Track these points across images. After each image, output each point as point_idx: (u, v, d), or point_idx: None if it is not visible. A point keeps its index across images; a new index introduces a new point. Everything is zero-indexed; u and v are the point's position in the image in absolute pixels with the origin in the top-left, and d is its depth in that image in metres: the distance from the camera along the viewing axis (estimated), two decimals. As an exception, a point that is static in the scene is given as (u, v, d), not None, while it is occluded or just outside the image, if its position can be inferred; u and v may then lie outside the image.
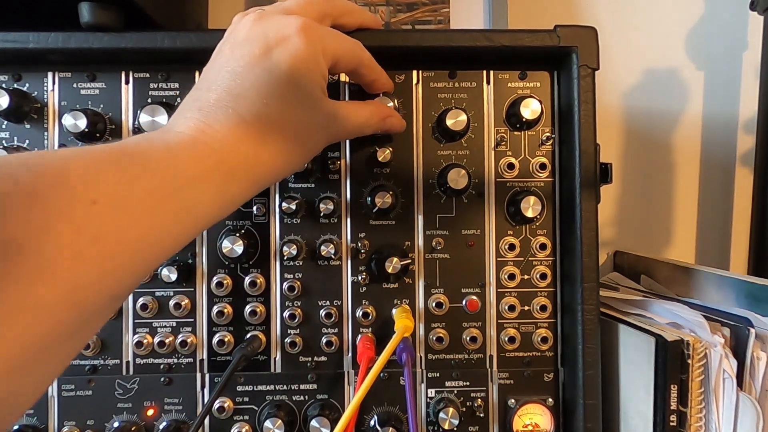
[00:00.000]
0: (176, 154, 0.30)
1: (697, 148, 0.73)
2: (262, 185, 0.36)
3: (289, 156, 0.36)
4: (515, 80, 0.46)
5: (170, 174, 0.29)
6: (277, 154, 0.35)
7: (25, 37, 0.42)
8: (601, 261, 0.69)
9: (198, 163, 0.30)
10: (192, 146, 0.31)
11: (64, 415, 0.44)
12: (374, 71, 0.41)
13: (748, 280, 0.46)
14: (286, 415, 0.44)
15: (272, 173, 0.36)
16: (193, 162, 0.30)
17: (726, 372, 0.41)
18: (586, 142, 0.43)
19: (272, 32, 0.34)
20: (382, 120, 0.42)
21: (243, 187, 0.33)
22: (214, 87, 0.34)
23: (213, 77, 0.34)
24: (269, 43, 0.34)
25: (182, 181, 0.29)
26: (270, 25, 0.34)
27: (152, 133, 0.32)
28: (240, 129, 0.33)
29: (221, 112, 0.33)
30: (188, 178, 0.30)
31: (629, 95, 0.73)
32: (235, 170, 0.32)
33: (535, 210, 0.44)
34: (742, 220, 0.72)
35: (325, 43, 0.36)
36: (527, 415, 0.45)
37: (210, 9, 0.66)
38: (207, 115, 0.33)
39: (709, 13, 0.72)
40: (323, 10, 0.38)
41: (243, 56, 0.34)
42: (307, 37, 0.34)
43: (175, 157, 0.30)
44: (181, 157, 0.30)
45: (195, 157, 0.30)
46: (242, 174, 0.33)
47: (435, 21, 0.65)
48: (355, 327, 0.46)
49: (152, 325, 0.45)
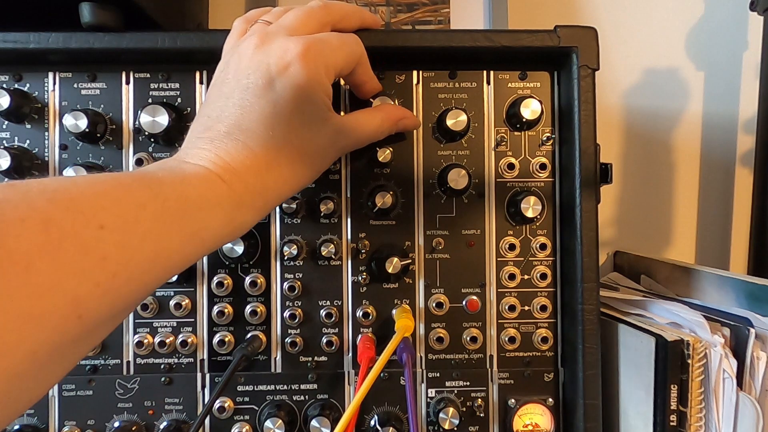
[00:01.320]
0: (188, 184, 0.32)
1: (697, 148, 0.73)
2: (272, 207, 0.37)
3: (299, 176, 0.37)
4: (515, 80, 0.46)
5: (181, 202, 0.31)
6: (286, 177, 0.36)
7: (26, 37, 0.42)
8: (601, 261, 0.69)
9: (208, 193, 0.32)
10: (204, 177, 0.32)
11: (65, 414, 0.44)
12: (368, 71, 0.42)
13: (748, 280, 0.46)
14: (287, 415, 0.44)
15: (281, 196, 0.37)
16: (204, 191, 0.32)
17: (726, 372, 0.41)
18: (586, 142, 0.43)
19: (273, 60, 0.34)
20: (394, 124, 0.42)
21: (251, 213, 0.35)
22: (223, 117, 0.35)
23: (222, 106, 0.35)
24: (271, 74, 0.34)
25: (192, 208, 0.31)
26: (271, 53, 0.35)
27: (168, 161, 0.34)
28: (249, 160, 0.34)
29: (231, 144, 0.34)
30: (198, 206, 0.31)
31: (629, 95, 0.73)
32: (244, 198, 0.34)
33: (535, 210, 0.44)
34: (742, 220, 0.72)
35: (326, 60, 0.36)
36: (527, 415, 0.45)
37: (210, 9, 0.66)
38: (218, 146, 0.34)
39: (709, 13, 0.72)
40: (322, 20, 0.39)
41: (248, 87, 0.35)
42: (308, 62, 0.35)
43: (187, 186, 0.31)
44: (193, 187, 0.32)
45: (206, 187, 0.32)
46: (250, 201, 0.34)
47: (435, 21, 0.65)
48: (355, 327, 0.46)
49: (153, 325, 0.45)
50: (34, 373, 0.25)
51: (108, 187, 0.29)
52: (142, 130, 0.43)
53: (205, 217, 0.32)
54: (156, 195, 0.30)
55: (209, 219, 0.32)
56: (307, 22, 0.37)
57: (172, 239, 0.30)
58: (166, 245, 0.30)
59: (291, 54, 0.34)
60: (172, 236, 0.30)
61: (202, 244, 0.32)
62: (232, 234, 0.35)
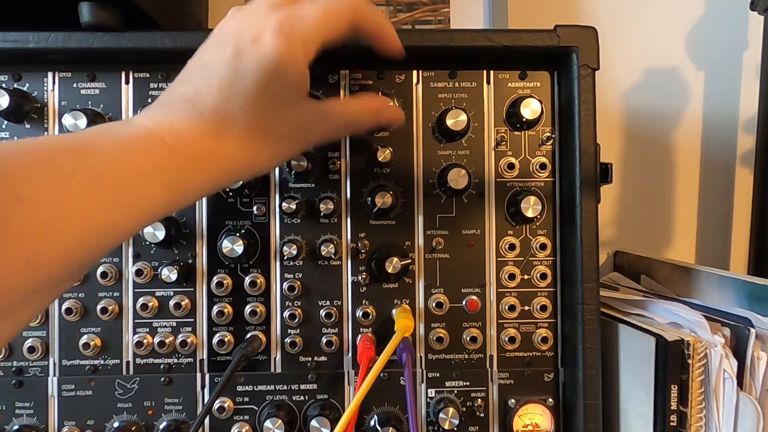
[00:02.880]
0: (124, 148, 0.29)
1: (697, 148, 0.73)
2: (223, 182, 0.35)
3: (255, 153, 0.35)
4: (515, 80, 0.46)
5: (114, 167, 0.28)
6: (239, 152, 0.34)
7: (25, 37, 0.42)
8: (601, 261, 0.69)
9: (146, 158, 0.30)
10: (144, 140, 0.30)
11: (64, 415, 0.44)
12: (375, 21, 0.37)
13: (748, 280, 0.46)
14: (286, 415, 0.44)
15: (234, 170, 0.35)
16: (140, 156, 0.30)
17: (726, 372, 0.41)
18: (586, 142, 0.43)
19: (247, 32, 0.33)
20: (374, 113, 0.40)
21: (197, 182, 0.33)
22: (185, 81, 0.34)
23: (188, 72, 0.34)
24: (241, 44, 0.33)
25: (126, 175, 0.29)
26: (247, 24, 0.34)
27: (110, 125, 0.32)
28: (197, 125, 0.32)
29: (182, 107, 0.33)
30: (133, 172, 0.29)
31: (629, 95, 0.73)
32: (188, 165, 0.32)
33: (535, 210, 0.44)
34: (742, 220, 0.72)
35: (303, 37, 0.34)
36: (527, 415, 0.45)
37: (210, 9, 0.66)
38: (169, 109, 0.32)
39: (709, 13, 0.72)
40: None
41: (215, 55, 0.34)
42: (283, 39, 0.33)
43: (122, 150, 0.29)
44: (129, 151, 0.29)
45: (144, 150, 0.30)
46: (196, 169, 0.32)
47: (435, 21, 0.65)
48: (355, 327, 0.46)
49: (152, 325, 0.45)
50: None
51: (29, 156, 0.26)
52: (141, 130, 0.43)
53: (143, 185, 0.29)
54: (84, 163, 0.27)
55: (148, 187, 0.30)
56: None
57: (106, 212, 0.28)
58: (98, 219, 0.27)
59: (265, 26, 0.33)
60: (106, 209, 0.28)
61: (140, 216, 0.30)
62: (176, 203, 0.32)
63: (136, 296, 0.45)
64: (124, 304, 0.45)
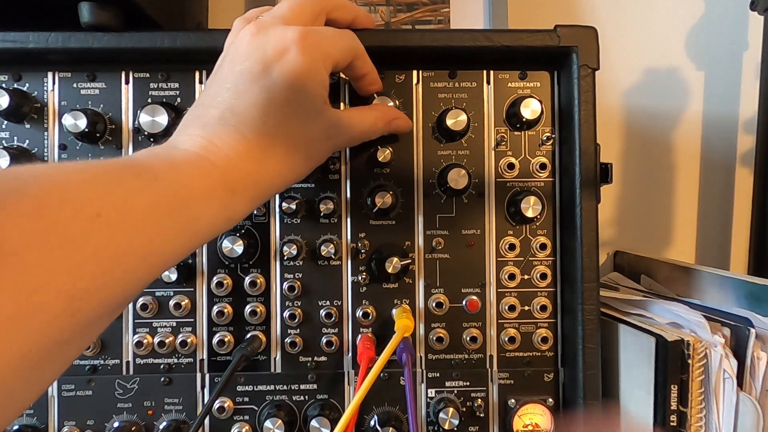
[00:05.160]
0: (180, 170, 0.30)
1: (697, 148, 0.73)
2: (265, 198, 0.37)
3: (292, 167, 0.36)
4: (515, 80, 0.46)
5: (174, 189, 0.29)
6: (280, 167, 0.35)
7: (25, 37, 0.42)
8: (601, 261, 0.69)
9: (201, 179, 0.31)
10: (196, 163, 0.31)
11: (64, 415, 0.44)
12: (368, 64, 0.41)
13: (748, 280, 0.46)
14: (286, 415, 0.44)
15: (275, 186, 0.36)
16: (196, 178, 0.31)
17: (726, 372, 0.41)
18: (586, 142, 0.43)
19: (270, 47, 0.34)
20: (387, 123, 0.42)
21: (246, 201, 0.34)
22: (216, 103, 0.34)
23: (214, 93, 0.35)
24: (267, 60, 0.34)
25: (185, 196, 0.30)
26: (268, 40, 0.34)
27: (156, 149, 0.33)
28: (242, 145, 0.33)
29: (224, 130, 0.33)
30: (191, 193, 0.30)
31: (629, 95, 0.73)
32: (238, 186, 0.33)
33: (535, 210, 0.44)
34: (742, 220, 0.72)
35: (324, 49, 0.35)
36: (527, 415, 0.45)
37: (210, 9, 0.66)
38: (210, 132, 0.33)
39: (709, 13, 0.72)
40: (316, 9, 0.38)
41: (242, 72, 0.34)
42: (305, 49, 0.34)
43: (179, 173, 0.30)
44: (185, 173, 0.30)
45: (198, 173, 0.31)
46: (244, 189, 0.33)
47: (435, 21, 0.65)
48: (355, 327, 0.46)
49: (152, 325, 0.45)
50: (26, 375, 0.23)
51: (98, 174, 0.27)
52: (141, 130, 0.43)
53: (199, 206, 0.30)
54: (148, 182, 0.28)
55: (203, 207, 0.31)
56: (301, 11, 0.37)
57: (167, 230, 0.29)
58: (160, 236, 0.28)
59: (288, 40, 0.34)
60: (166, 226, 0.28)
61: (195, 235, 0.31)
62: (226, 224, 0.33)
63: (136, 296, 0.45)
64: (124, 304, 0.45)
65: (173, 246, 0.30)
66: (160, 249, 0.29)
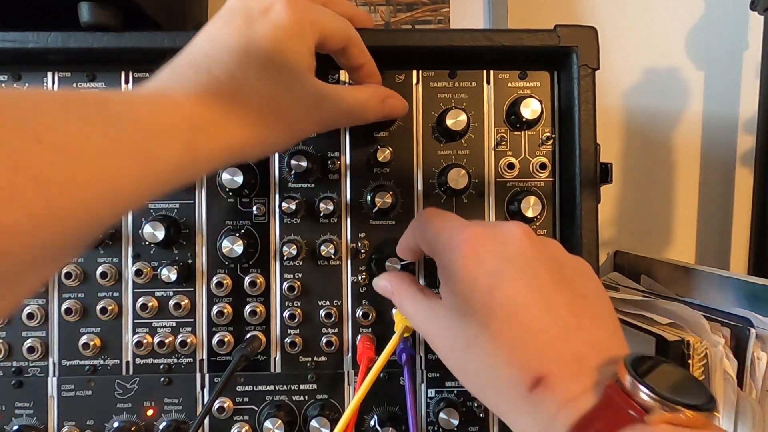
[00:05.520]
0: (138, 104, 0.28)
1: (697, 148, 0.73)
2: (233, 157, 0.34)
3: (264, 133, 0.34)
4: (515, 80, 0.46)
5: (130, 122, 0.27)
6: (248, 128, 0.33)
7: (25, 36, 0.42)
8: (601, 261, 0.69)
9: (162, 114, 0.29)
10: (156, 99, 0.29)
11: (64, 415, 0.44)
12: (364, 53, 0.39)
13: (748, 280, 0.46)
14: (286, 415, 0.44)
15: (243, 146, 0.33)
16: (156, 113, 0.28)
17: (726, 372, 0.41)
18: (586, 142, 0.43)
19: (255, 4, 0.33)
20: (381, 101, 0.40)
21: (213, 148, 0.31)
22: (188, 50, 0.33)
23: (194, 45, 0.33)
24: (252, 13, 0.32)
25: (143, 128, 0.27)
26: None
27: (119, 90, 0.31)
28: (212, 85, 0.31)
29: (192, 70, 0.31)
30: (150, 127, 0.28)
31: (629, 95, 0.73)
32: (204, 122, 0.30)
33: (535, 210, 0.44)
34: (742, 220, 0.72)
35: (312, 15, 0.34)
36: (527, 415, 0.45)
37: (210, 9, 0.66)
38: (177, 72, 0.31)
39: (709, 13, 0.72)
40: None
41: (223, 24, 0.33)
42: (292, 8, 0.33)
43: (136, 105, 0.28)
44: (143, 107, 0.28)
45: (159, 109, 0.29)
46: (213, 129, 0.31)
47: (435, 21, 0.65)
48: (355, 327, 0.46)
49: (152, 325, 0.45)
50: None
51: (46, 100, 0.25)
52: (141, 130, 0.43)
53: (159, 142, 0.28)
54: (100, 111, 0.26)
55: (164, 145, 0.28)
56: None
57: (123, 165, 0.26)
58: (116, 173, 0.26)
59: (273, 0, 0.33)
60: (123, 162, 0.26)
61: (157, 175, 0.28)
62: (193, 168, 0.30)
63: (136, 296, 0.45)
64: (123, 304, 0.45)
65: (129, 186, 0.27)
66: (114, 188, 0.26)
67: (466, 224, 0.32)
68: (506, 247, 0.30)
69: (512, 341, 0.27)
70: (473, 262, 0.29)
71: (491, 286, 0.28)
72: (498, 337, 0.27)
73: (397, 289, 0.37)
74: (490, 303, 0.28)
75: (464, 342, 0.29)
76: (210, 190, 0.45)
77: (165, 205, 0.45)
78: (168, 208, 0.45)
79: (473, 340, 0.28)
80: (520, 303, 0.27)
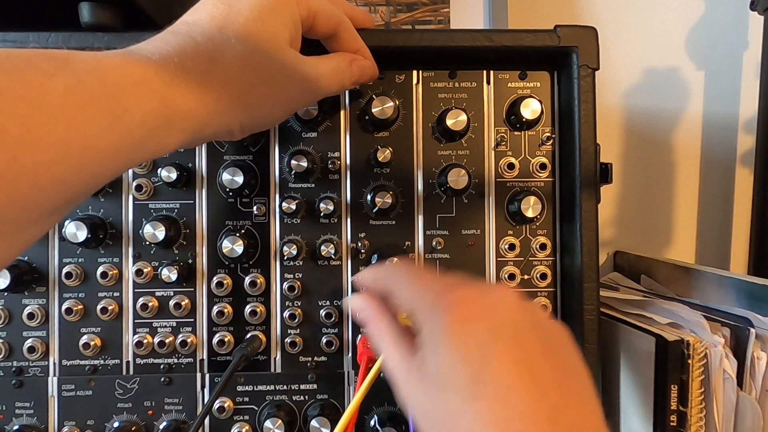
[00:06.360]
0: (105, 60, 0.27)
1: (697, 148, 0.73)
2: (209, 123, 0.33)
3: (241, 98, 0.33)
4: (515, 80, 0.46)
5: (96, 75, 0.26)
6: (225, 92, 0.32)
7: (25, 37, 0.42)
8: (601, 261, 0.69)
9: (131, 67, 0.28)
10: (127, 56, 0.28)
11: (64, 415, 0.44)
12: (356, 39, 0.39)
13: (748, 280, 0.46)
14: (286, 415, 0.44)
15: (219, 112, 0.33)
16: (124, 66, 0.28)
17: (726, 372, 0.41)
18: (586, 142, 0.43)
19: None
20: (350, 63, 0.39)
21: (190, 109, 0.30)
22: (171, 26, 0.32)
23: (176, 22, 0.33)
24: None
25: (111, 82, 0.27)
26: None
27: None
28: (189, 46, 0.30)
29: (170, 35, 0.31)
30: (118, 80, 0.27)
31: (629, 95, 0.73)
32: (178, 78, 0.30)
33: (535, 210, 0.44)
34: (742, 220, 0.72)
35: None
36: (527, 415, 0.45)
37: (210, 9, 0.66)
38: (155, 38, 0.31)
39: (709, 13, 0.72)
40: None
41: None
42: None
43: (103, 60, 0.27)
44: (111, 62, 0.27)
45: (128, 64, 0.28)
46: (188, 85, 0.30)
47: (435, 21, 0.65)
48: (355, 327, 0.46)
49: (152, 325, 0.45)
50: None
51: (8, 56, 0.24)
52: (141, 130, 0.43)
53: (128, 95, 0.27)
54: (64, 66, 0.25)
55: (133, 98, 0.27)
56: None
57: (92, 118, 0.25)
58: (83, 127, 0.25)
59: None
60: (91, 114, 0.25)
61: (129, 131, 0.27)
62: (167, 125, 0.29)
63: (136, 296, 0.45)
64: (124, 304, 0.45)
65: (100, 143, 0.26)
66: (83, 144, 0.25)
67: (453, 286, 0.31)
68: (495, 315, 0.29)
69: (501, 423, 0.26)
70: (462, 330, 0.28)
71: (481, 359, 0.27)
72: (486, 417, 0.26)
73: (376, 322, 0.34)
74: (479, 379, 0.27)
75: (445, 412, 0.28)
76: (210, 190, 0.45)
77: (165, 205, 0.45)
78: (168, 208, 0.45)
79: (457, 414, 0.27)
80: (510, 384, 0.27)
